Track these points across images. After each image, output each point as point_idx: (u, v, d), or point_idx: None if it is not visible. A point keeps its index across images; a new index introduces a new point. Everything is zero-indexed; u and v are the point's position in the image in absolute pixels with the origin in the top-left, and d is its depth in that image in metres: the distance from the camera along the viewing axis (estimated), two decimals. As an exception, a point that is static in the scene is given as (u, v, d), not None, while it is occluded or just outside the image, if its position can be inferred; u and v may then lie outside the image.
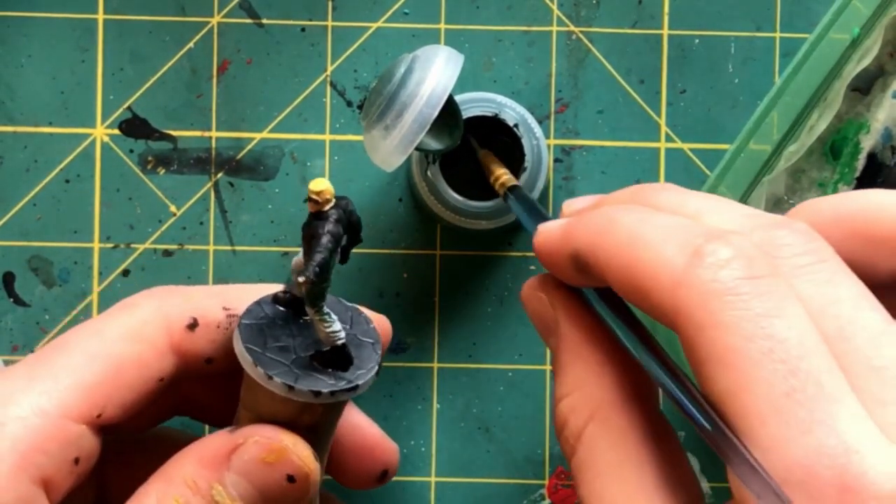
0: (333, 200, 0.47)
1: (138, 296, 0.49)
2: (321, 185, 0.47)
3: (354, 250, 0.62)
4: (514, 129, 0.58)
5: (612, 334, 0.44)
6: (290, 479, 0.46)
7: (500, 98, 0.59)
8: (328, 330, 0.48)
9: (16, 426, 0.45)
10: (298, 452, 0.46)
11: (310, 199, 0.47)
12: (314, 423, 0.48)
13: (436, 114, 0.52)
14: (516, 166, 0.59)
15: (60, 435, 0.45)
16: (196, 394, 0.53)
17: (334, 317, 0.48)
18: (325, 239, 0.47)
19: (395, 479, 0.61)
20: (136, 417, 0.49)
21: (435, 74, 0.53)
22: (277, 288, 0.50)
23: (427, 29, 0.62)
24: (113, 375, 0.47)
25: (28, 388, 0.46)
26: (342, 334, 0.48)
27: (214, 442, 0.47)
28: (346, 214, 0.48)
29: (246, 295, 0.49)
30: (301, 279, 0.46)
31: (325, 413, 0.48)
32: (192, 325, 0.47)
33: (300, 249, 0.48)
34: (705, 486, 0.62)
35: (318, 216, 0.47)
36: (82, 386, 0.46)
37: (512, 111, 0.59)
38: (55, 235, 0.62)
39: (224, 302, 0.48)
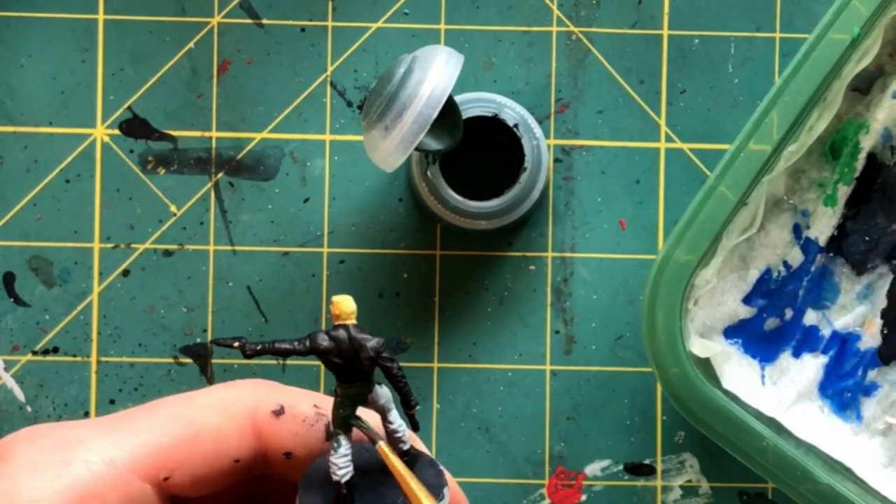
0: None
1: (240, 381, 0.48)
2: None
3: (354, 250, 0.62)
4: (514, 129, 0.58)
5: None
6: None
7: (499, 98, 0.59)
8: (331, 459, 0.47)
9: (81, 468, 0.44)
10: None
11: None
12: None
13: (436, 114, 0.52)
14: (516, 166, 0.59)
15: (123, 487, 0.45)
16: (264, 491, 0.52)
17: (347, 450, 0.47)
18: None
19: (395, 478, 0.62)
20: (203, 494, 0.49)
21: (435, 75, 0.53)
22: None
23: (427, 29, 0.62)
24: (189, 442, 0.46)
25: (103, 436, 0.45)
26: (343, 471, 0.47)
27: None
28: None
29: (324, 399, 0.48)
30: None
31: None
32: (279, 412, 0.46)
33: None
34: (705, 485, 0.62)
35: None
36: (156, 445, 0.45)
37: (512, 111, 0.59)
38: (55, 235, 0.62)
39: (317, 400, 0.48)
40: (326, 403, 0.47)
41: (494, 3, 0.62)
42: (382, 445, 0.46)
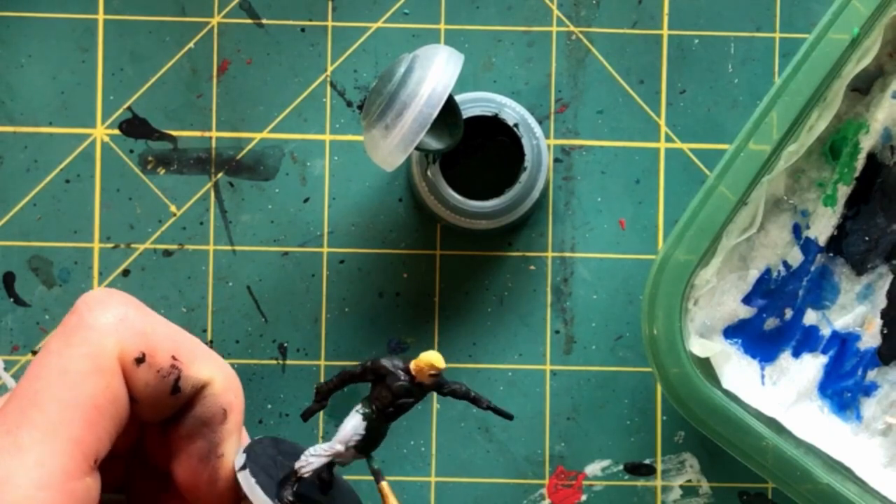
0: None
1: (99, 318, 0.47)
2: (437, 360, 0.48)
3: (354, 250, 0.62)
4: (514, 128, 0.58)
5: None
6: None
7: (499, 98, 0.59)
8: (311, 451, 0.48)
9: None
10: None
11: (421, 373, 0.48)
12: None
13: (436, 113, 0.52)
14: (516, 166, 0.59)
15: (69, 499, 0.45)
16: None
17: (328, 457, 0.48)
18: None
19: (395, 479, 0.62)
20: (133, 441, 0.49)
21: (435, 74, 0.53)
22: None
23: (427, 29, 0.62)
24: (95, 419, 0.45)
25: (21, 462, 0.44)
26: (309, 467, 0.48)
27: None
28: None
29: (195, 352, 0.47)
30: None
31: None
32: (140, 360, 0.46)
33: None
34: (705, 485, 0.62)
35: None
36: (72, 441, 0.45)
37: (512, 111, 0.59)
38: (55, 235, 0.62)
39: (176, 350, 0.47)
40: (183, 353, 0.46)
41: (494, 3, 0.62)
42: (385, 486, 0.47)
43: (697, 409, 0.56)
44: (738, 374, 0.59)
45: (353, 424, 0.48)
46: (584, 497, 0.62)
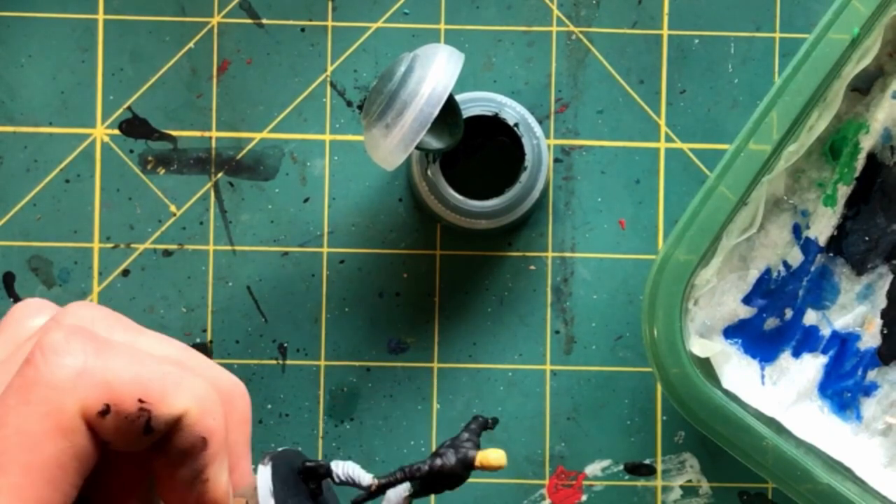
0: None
1: (53, 362, 0.44)
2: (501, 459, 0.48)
3: (354, 250, 0.62)
4: (515, 128, 0.58)
5: None
6: None
7: (500, 97, 0.59)
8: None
9: None
10: None
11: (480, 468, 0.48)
12: None
13: (436, 112, 0.52)
14: (516, 166, 0.59)
15: None
16: None
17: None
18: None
19: (395, 478, 0.62)
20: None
21: (435, 73, 0.53)
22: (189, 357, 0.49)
23: (427, 29, 0.62)
24: (59, 478, 0.44)
25: None
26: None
27: None
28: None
29: (166, 385, 0.45)
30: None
31: None
32: (104, 413, 0.44)
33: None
34: (706, 485, 0.62)
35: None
36: (37, 502, 0.43)
37: (512, 110, 0.59)
38: (55, 235, 0.62)
39: (142, 391, 0.45)
40: (151, 391, 0.45)
41: (494, 3, 0.62)
42: None
43: (698, 409, 0.56)
44: (739, 374, 0.59)
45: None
46: (584, 497, 0.62)
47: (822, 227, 0.60)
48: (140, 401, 0.44)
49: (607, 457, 0.62)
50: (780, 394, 0.60)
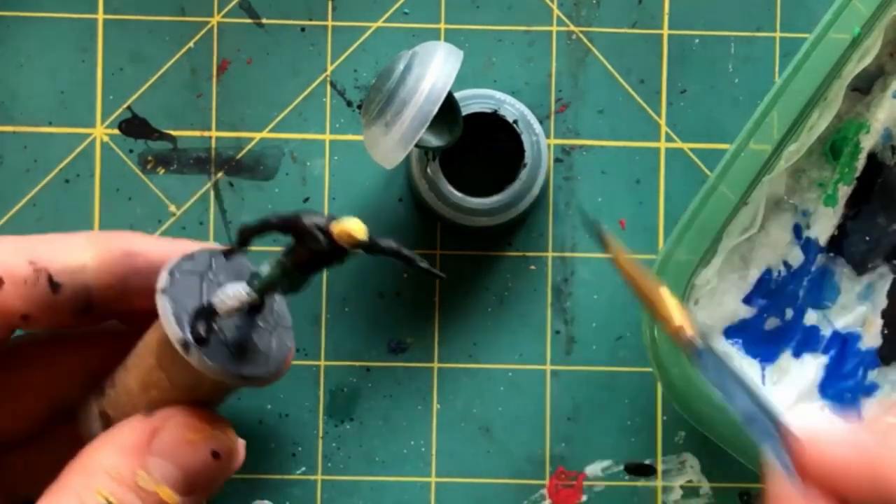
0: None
1: None
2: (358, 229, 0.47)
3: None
4: (514, 125, 0.58)
5: None
6: (215, 455, 0.45)
7: (499, 94, 0.59)
8: (228, 289, 0.48)
9: None
10: (222, 429, 0.46)
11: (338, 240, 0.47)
12: (219, 398, 0.48)
13: (436, 110, 0.52)
14: (516, 163, 0.59)
15: None
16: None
17: (235, 291, 0.48)
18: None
19: (395, 479, 0.62)
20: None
21: (434, 71, 0.53)
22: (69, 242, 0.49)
23: (427, 29, 0.62)
24: None
25: None
26: (223, 307, 0.48)
27: (132, 428, 0.45)
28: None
29: (53, 246, 0.46)
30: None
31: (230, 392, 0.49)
32: None
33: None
34: (706, 486, 0.62)
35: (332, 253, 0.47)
36: None
37: (511, 107, 0.59)
38: (55, 235, 0.62)
39: (30, 255, 0.45)
40: (39, 253, 0.44)
41: (494, 3, 0.62)
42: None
43: (698, 409, 0.56)
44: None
45: (268, 272, 0.48)
46: (584, 497, 0.62)
47: (823, 227, 0.60)
48: (31, 262, 0.44)
49: (607, 457, 0.62)
50: (781, 394, 0.60)
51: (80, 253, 0.46)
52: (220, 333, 0.48)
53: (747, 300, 0.60)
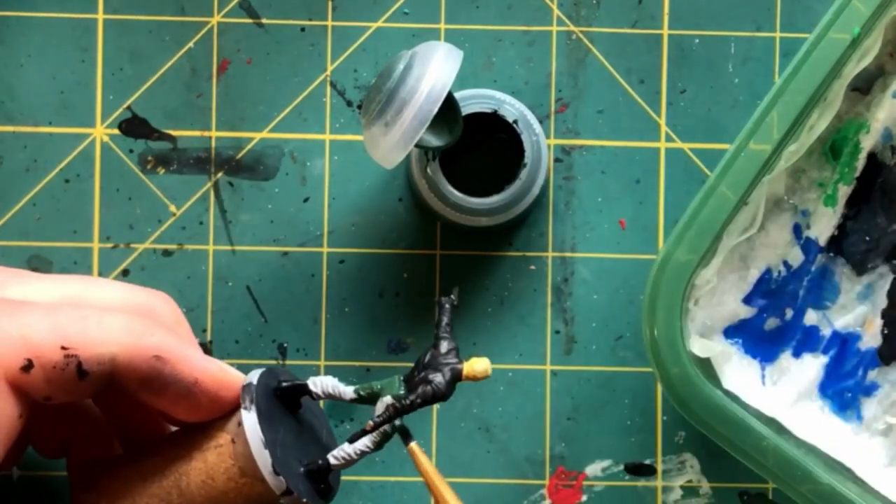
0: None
1: None
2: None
3: (354, 250, 0.62)
4: (514, 125, 0.58)
5: None
6: None
7: (499, 94, 0.59)
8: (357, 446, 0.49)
9: None
10: None
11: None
12: None
13: (436, 110, 0.52)
14: (516, 163, 0.59)
15: None
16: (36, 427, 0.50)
17: (358, 449, 0.49)
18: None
19: (395, 479, 0.61)
20: (17, 461, 0.47)
21: (434, 70, 0.53)
22: (108, 288, 0.49)
23: (427, 29, 0.62)
24: None
25: None
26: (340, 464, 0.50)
27: None
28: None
29: (86, 328, 0.44)
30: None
31: None
32: (28, 367, 0.43)
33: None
34: (706, 486, 0.62)
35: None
36: None
37: (511, 107, 0.59)
38: (55, 235, 0.62)
39: (63, 338, 0.44)
40: (72, 336, 0.43)
41: (494, 3, 0.62)
42: (414, 446, 0.48)
43: (698, 409, 0.56)
44: (739, 374, 0.59)
45: (385, 417, 0.49)
46: (584, 497, 0.62)
47: (823, 226, 0.60)
48: (63, 348, 0.44)
49: (607, 457, 0.62)
50: (781, 394, 0.60)
51: (111, 344, 0.45)
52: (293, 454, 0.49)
53: (747, 300, 0.60)
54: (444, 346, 0.49)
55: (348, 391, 0.50)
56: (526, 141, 0.58)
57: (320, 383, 0.50)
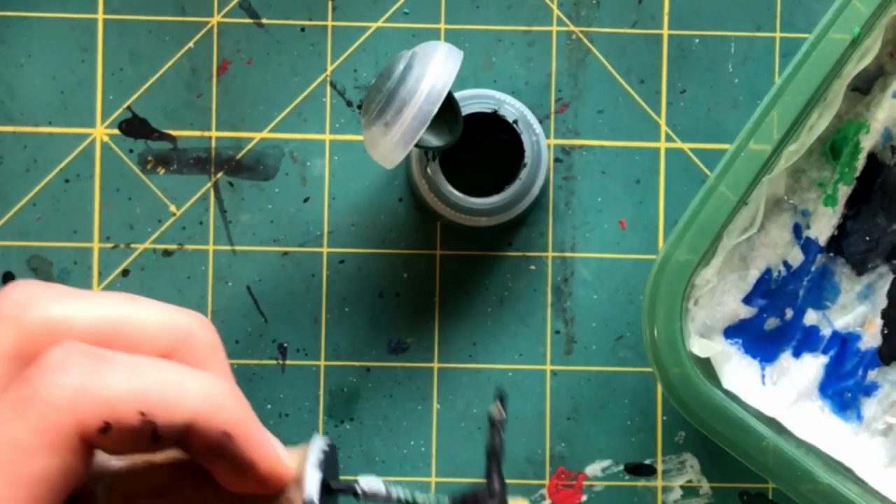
0: None
1: (50, 379, 0.43)
2: None
3: (354, 250, 0.62)
4: (514, 125, 0.58)
5: None
6: None
7: (499, 94, 0.59)
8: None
9: None
10: None
11: None
12: None
13: (436, 110, 0.52)
14: (516, 163, 0.59)
15: None
16: None
17: None
18: None
19: (395, 479, 0.62)
20: None
21: (434, 70, 0.53)
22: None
23: (427, 29, 0.62)
24: (44, 495, 0.43)
25: None
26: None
27: None
28: None
29: (167, 394, 0.44)
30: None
31: None
32: (105, 430, 0.43)
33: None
34: (706, 486, 0.62)
35: None
36: None
37: (511, 107, 0.59)
38: (55, 235, 0.62)
39: (143, 404, 0.44)
40: (152, 403, 0.44)
41: (494, 3, 0.62)
42: None
43: (698, 409, 0.56)
44: (739, 374, 0.59)
45: None
46: (584, 497, 0.62)
47: (823, 226, 0.60)
48: (142, 413, 0.44)
49: (607, 457, 0.62)
50: (781, 394, 0.60)
51: (188, 412, 0.45)
52: None
53: (747, 300, 0.60)
54: (495, 485, 0.49)
55: (392, 492, 0.49)
56: (526, 141, 0.58)
57: (367, 487, 0.49)
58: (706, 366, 0.58)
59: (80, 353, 0.44)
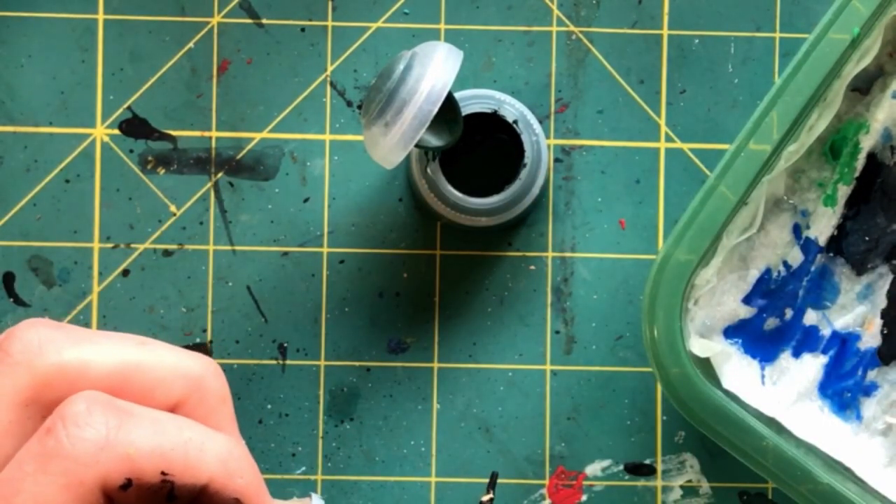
0: None
1: (75, 433, 0.43)
2: None
3: (354, 250, 0.62)
4: (514, 125, 0.58)
5: None
6: None
7: (499, 95, 0.59)
8: None
9: None
10: None
11: None
12: None
13: (436, 110, 0.52)
14: (516, 163, 0.59)
15: None
16: None
17: None
18: None
19: (395, 479, 0.62)
20: None
21: (434, 71, 0.53)
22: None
23: (427, 29, 0.62)
24: None
25: None
26: None
27: None
28: None
29: (188, 457, 0.44)
30: None
31: None
32: (126, 486, 0.43)
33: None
34: (706, 486, 0.62)
35: None
36: None
37: (511, 107, 0.59)
38: (55, 235, 0.62)
39: (164, 463, 0.44)
40: (174, 463, 0.44)
41: (494, 3, 0.62)
42: None
43: (698, 409, 0.56)
44: (739, 374, 0.59)
45: None
46: (584, 497, 0.62)
47: (822, 227, 0.60)
48: (163, 473, 0.44)
49: (607, 457, 0.62)
50: (781, 394, 0.60)
51: (205, 475, 0.45)
52: None
53: (747, 300, 0.60)
54: None
55: None
56: (526, 141, 0.58)
57: None
58: (706, 366, 0.58)
59: (104, 406, 0.43)
